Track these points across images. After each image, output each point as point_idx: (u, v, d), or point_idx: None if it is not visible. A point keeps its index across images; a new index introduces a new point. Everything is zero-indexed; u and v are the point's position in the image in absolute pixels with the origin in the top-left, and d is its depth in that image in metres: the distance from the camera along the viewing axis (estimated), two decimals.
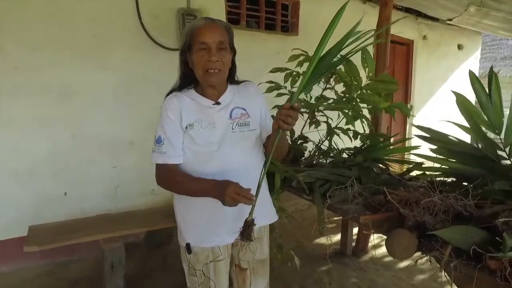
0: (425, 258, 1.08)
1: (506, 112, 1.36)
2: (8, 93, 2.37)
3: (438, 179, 1.93)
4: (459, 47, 5.62)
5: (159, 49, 2.81)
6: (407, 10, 4.49)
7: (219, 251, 1.26)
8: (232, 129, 1.21)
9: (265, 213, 1.37)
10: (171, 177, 1.20)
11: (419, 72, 5.12)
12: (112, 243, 2.04)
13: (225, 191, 1.03)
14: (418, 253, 1.11)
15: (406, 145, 5.01)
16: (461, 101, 1.37)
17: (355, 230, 2.92)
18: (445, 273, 1.00)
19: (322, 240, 3.12)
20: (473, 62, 6.00)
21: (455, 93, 1.40)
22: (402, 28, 4.62)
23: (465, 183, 1.55)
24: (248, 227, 1.04)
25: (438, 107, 5.48)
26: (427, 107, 5.36)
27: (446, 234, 0.98)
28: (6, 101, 2.37)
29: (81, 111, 2.62)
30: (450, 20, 4.21)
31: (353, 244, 2.89)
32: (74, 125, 2.61)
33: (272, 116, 1.29)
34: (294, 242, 3.09)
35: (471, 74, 1.38)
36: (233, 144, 1.20)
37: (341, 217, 1.58)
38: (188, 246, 1.26)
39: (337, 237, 3.01)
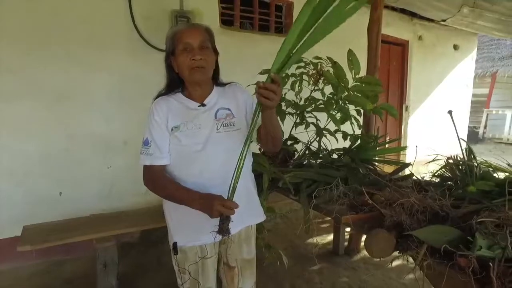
0: (402, 257, 1.10)
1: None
2: (2, 95, 2.40)
3: (425, 179, 1.96)
4: (455, 47, 5.65)
5: (152, 51, 2.83)
6: (402, 10, 4.52)
7: (206, 250, 1.30)
8: (217, 129, 1.25)
9: (252, 213, 1.41)
10: (157, 180, 1.24)
11: (415, 73, 5.14)
12: (105, 243, 2.07)
13: (212, 207, 1.08)
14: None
15: (401, 144, 5.06)
16: None
17: (348, 230, 2.95)
18: (420, 271, 1.03)
19: (315, 240, 3.15)
20: (469, 62, 6.02)
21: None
22: (397, 28, 4.65)
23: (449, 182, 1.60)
24: (224, 221, 1.07)
25: (434, 107, 5.51)
26: (422, 108, 5.38)
27: (421, 234, 1.01)
28: (1, 102, 2.40)
29: (75, 112, 2.65)
30: (444, 20, 4.23)
31: (345, 244, 2.92)
32: (68, 126, 2.64)
33: None
34: (286, 242, 3.12)
35: None
36: (217, 144, 1.24)
37: (331, 218, 1.61)
38: (175, 245, 1.30)
39: (330, 237, 3.04)
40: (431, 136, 5.43)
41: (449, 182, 1.58)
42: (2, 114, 2.42)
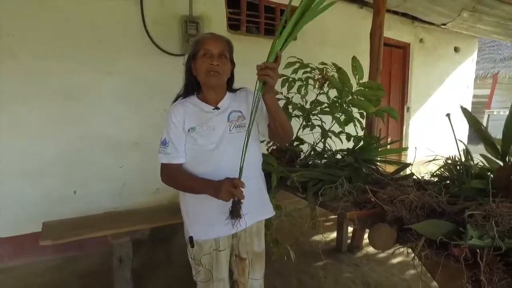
0: (403, 249, 1.21)
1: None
2: (20, 97, 2.51)
3: (425, 178, 2.06)
4: (456, 49, 5.74)
5: (163, 55, 2.95)
6: (404, 14, 4.61)
7: (220, 243, 1.40)
8: (230, 130, 1.37)
9: (263, 208, 1.52)
10: (174, 176, 1.36)
11: (416, 75, 5.23)
12: (120, 238, 2.18)
13: (221, 186, 1.18)
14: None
15: (403, 145, 5.15)
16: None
17: (351, 228, 3.05)
18: (418, 261, 1.13)
19: (319, 237, 3.25)
20: (470, 64, 6.11)
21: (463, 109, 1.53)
22: (398, 31, 4.75)
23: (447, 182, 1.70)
24: (236, 204, 1.17)
25: (435, 108, 5.60)
26: (423, 109, 5.48)
27: (419, 227, 1.11)
28: (18, 104, 2.51)
29: (87, 113, 2.76)
30: (444, 24, 4.32)
31: (348, 241, 3.02)
32: (81, 127, 2.75)
33: None
34: (291, 239, 3.22)
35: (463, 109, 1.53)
36: (230, 144, 1.35)
37: (335, 215, 1.71)
38: (191, 239, 1.41)
39: (334, 234, 3.14)
40: (431, 136, 5.52)
41: (447, 181, 1.68)
42: (18, 116, 2.53)
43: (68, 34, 2.62)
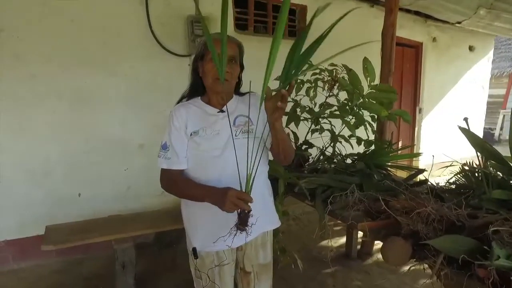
0: (419, 265, 1.12)
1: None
2: (26, 99, 2.50)
3: (440, 185, 1.96)
4: (471, 48, 5.56)
5: (168, 55, 2.90)
6: (417, 12, 4.47)
7: (224, 255, 1.33)
8: (236, 135, 1.28)
9: (268, 219, 1.44)
10: (174, 182, 1.28)
11: (429, 75, 5.08)
12: (123, 244, 2.14)
13: (226, 197, 1.08)
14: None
15: (415, 148, 5.01)
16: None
17: (360, 233, 2.95)
18: (438, 280, 1.04)
19: (328, 242, 3.16)
20: (485, 63, 5.92)
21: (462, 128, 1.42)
22: (411, 30, 4.61)
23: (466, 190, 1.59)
24: (243, 214, 1.07)
25: (448, 109, 5.43)
26: (436, 110, 5.32)
27: (438, 243, 1.02)
28: (24, 106, 2.49)
29: (93, 115, 2.73)
30: (459, 23, 4.18)
31: (358, 247, 2.92)
32: (86, 129, 2.72)
33: None
34: (299, 244, 3.14)
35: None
36: (236, 150, 1.27)
37: (347, 224, 1.63)
38: (194, 250, 1.33)
39: (343, 239, 3.05)
40: (445, 138, 5.37)
41: (465, 190, 1.57)
42: (24, 118, 2.51)
43: (73, 36, 2.59)
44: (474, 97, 5.86)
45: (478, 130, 6.08)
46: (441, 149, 5.30)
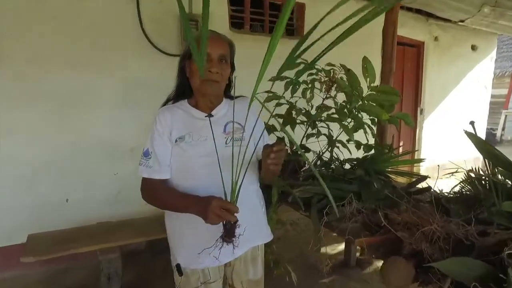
0: None
1: None
2: (10, 100, 2.38)
3: (445, 192, 1.85)
4: (473, 48, 5.44)
5: (160, 55, 2.78)
6: (418, 11, 4.36)
7: (209, 274, 1.22)
8: (226, 143, 1.18)
9: (259, 233, 1.34)
10: (155, 192, 1.19)
11: (430, 75, 4.96)
12: (109, 254, 2.03)
13: (209, 208, 0.98)
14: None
15: (416, 152, 4.90)
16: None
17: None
18: None
19: (326, 249, 3.05)
20: (488, 63, 5.79)
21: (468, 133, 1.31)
22: (412, 29, 4.49)
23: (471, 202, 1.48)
24: (229, 225, 0.99)
25: (450, 110, 5.32)
26: (438, 111, 5.20)
27: (445, 267, 0.91)
28: (9, 107, 2.38)
29: (82, 118, 2.61)
30: (462, 21, 4.05)
31: (358, 254, 2.81)
32: (75, 132, 2.60)
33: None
34: (296, 250, 3.03)
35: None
36: (225, 159, 1.16)
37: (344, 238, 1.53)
38: (178, 267, 1.24)
39: (341, 246, 2.94)
40: (447, 140, 5.25)
41: (472, 200, 1.46)
42: (8, 120, 2.40)
43: (60, 34, 2.48)
44: (477, 97, 5.74)
45: (481, 131, 5.95)
46: (443, 150, 5.21)
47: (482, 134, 5.92)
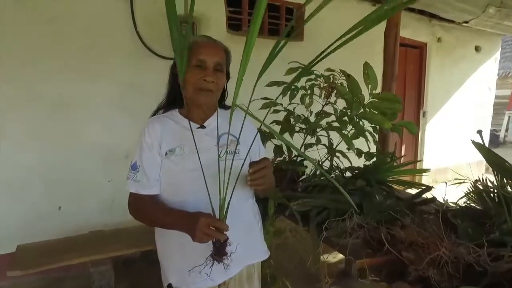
0: None
1: None
2: (1, 104, 2.31)
3: (450, 203, 1.77)
4: (477, 49, 5.34)
5: (155, 58, 2.71)
6: (421, 11, 4.27)
7: None
8: (220, 156, 1.10)
9: (255, 251, 1.26)
10: (142, 208, 1.12)
11: (433, 77, 4.87)
12: (101, 266, 1.96)
13: (196, 226, 0.92)
14: None
15: (418, 156, 4.81)
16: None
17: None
18: None
19: (327, 257, 2.97)
20: (492, 64, 5.69)
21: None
22: (414, 30, 4.41)
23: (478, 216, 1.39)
24: (219, 243, 0.93)
25: (453, 113, 5.22)
26: (441, 113, 5.11)
27: None
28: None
29: (75, 123, 2.54)
30: (467, 22, 3.96)
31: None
32: (68, 137, 2.53)
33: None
34: (296, 258, 2.94)
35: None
36: (219, 173, 1.09)
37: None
38: (170, 287, 1.16)
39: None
40: (449, 142, 5.16)
41: (481, 215, 1.38)
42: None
43: (53, 38, 2.41)
44: (480, 99, 5.64)
45: (485, 134, 5.85)
46: (446, 154, 5.12)
47: (486, 138, 5.81)
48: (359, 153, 1.90)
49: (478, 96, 5.56)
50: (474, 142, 1.36)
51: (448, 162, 5.03)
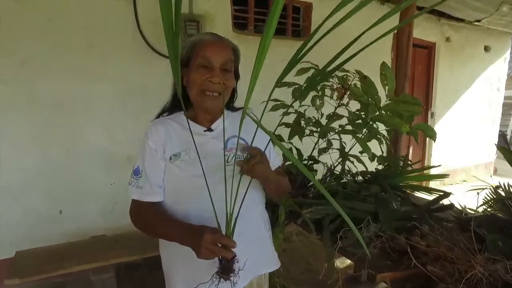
0: None
1: None
2: (0, 106, 2.25)
3: (469, 210, 1.68)
4: (486, 49, 5.23)
5: (159, 58, 2.63)
6: (430, 10, 4.17)
7: None
8: (227, 161, 1.02)
9: (265, 260, 1.18)
10: (144, 218, 1.04)
11: (442, 77, 4.77)
12: (102, 274, 1.88)
13: (200, 242, 0.84)
14: None
15: (426, 157, 4.71)
16: None
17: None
18: None
19: (336, 262, 2.88)
20: (501, 64, 5.58)
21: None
22: (423, 30, 4.31)
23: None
24: (226, 264, 0.85)
25: (462, 113, 5.12)
26: (449, 114, 5.01)
27: None
28: None
29: (76, 125, 2.47)
30: (478, 21, 3.86)
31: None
32: (69, 139, 2.46)
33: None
34: (304, 264, 2.86)
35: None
36: (227, 179, 1.00)
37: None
38: None
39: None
40: (458, 144, 5.06)
41: (505, 224, 1.29)
42: None
43: (54, 37, 2.34)
44: (489, 100, 5.53)
45: (494, 135, 5.73)
46: (455, 155, 5.02)
47: (495, 139, 5.70)
48: (372, 156, 1.82)
49: (487, 97, 5.45)
50: (499, 147, 1.28)
51: (456, 164, 4.92)
